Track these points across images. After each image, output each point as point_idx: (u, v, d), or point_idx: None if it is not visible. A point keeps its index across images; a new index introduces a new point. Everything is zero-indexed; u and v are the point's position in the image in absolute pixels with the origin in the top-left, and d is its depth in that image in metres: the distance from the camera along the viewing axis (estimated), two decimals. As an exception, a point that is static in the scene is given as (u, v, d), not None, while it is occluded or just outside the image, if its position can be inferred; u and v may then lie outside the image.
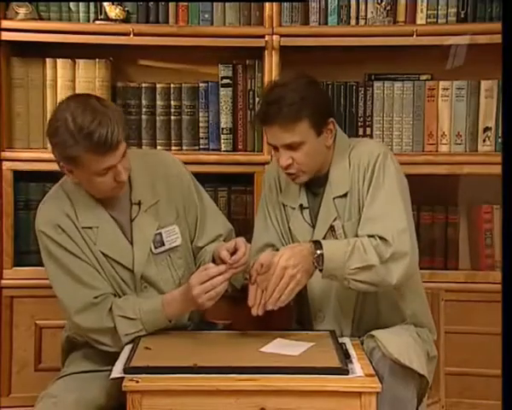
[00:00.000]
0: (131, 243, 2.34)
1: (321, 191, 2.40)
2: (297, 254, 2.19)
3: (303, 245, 2.24)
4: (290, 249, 2.22)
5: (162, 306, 2.25)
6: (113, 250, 2.32)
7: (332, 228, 2.36)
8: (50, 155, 2.85)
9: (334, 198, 2.36)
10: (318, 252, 2.19)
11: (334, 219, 2.35)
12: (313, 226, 2.39)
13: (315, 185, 2.41)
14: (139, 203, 2.36)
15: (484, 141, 2.94)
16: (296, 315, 2.49)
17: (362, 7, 2.91)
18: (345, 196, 2.35)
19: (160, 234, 2.37)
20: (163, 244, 2.38)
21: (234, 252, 2.24)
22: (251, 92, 2.94)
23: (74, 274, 2.28)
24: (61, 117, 2.19)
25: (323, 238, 2.33)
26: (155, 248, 2.36)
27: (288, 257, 2.17)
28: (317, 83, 2.43)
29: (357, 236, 2.28)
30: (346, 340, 2.26)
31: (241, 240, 2.26)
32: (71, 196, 2.33)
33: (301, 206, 2.42)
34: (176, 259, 2.40)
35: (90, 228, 2.31)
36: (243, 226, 2.90)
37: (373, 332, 2.23)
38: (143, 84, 2.95)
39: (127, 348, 2.19)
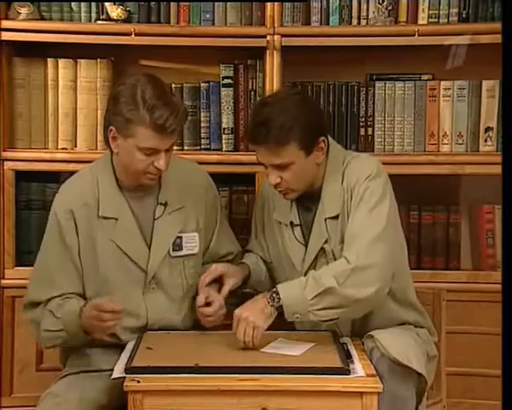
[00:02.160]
0: (150, 242, 2.35)
1: (314, 208, 2.39)
2: (251, 306, 2.22)
3: (258, 296, 2.26)
4: (247, 304, 2.24)
5: (80, 310, 2.24)
6: (127, 245, 2.33)
7: (323, 250, 2.36)
8: (51, 155, 2.90)
9: (325, 219, 2.35)
10: (274, 295, 2.20)
11: (325, 242, 2.35)
12: (305, 245, 2.39)
13: (308, 201, 2.40)
14: (165, 204, 2.38)
15: (485, 141, 2.93)
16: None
17: (363, 7, 2.91)
18: (336, 217, 2.34)
19: (181, 238, 2.39)
20: (181, 249, 2.39)
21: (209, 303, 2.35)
22: (252, 92, 2.94)
23: (51, 265, 2.33)
24: (130, 83, 2.25)
25: (315, 259, 2.36)
26: (173, 251, 2.37)
27: (243, 309, 2.21)
28: (309, 100, 2.45)
29: None
30: (348, 340, 2.27)
31: (216, 296, 2.35)
32: (98, 182, 2.35)
33: (292, 223, 2.42)
34: (189, 267, 2.41)
35: (109, 219, 2.33)
36: (244, 226, 2.90)
37: (372, 333, 2.24)
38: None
39: (128, 349, 2.19)
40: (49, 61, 2.90)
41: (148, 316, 2.35)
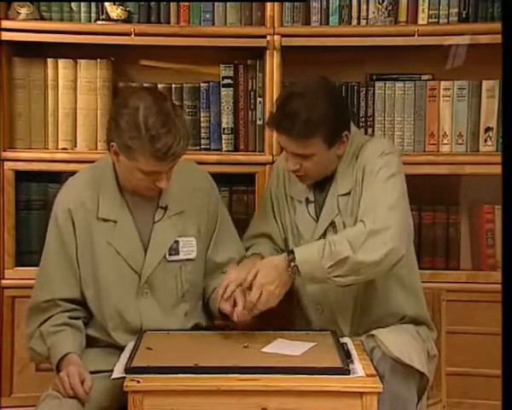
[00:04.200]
0: (147, 246, 2.34)
1: (327, 187, 2.42)
2: (272, 270, 2.22)
3: (277, 259, 2.25)
4: (265, 266, 2.24)
5: (63, 355, 2.24)
6: (124, 248, 2.32)
7: (333, 224, 2.38)
8: (51, 155, 2.90)
9: (338, 196, 2.38)
10: (292, 264, 2.21)
11: (336, 215, 2.38)
12: (317, 220, 2.42)
13: (322, 181, 2.43)
14: (166, 208, 2.36)
15: (485, 141, 2.93)
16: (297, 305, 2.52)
17: (363, 7, 2.91)
18: (348, 194, 2.37)
19: (178, 242, 2.37)
20: (178, 253, 2.37)
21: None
22: (252, 92, 2.94)
23: (49, 266, 2.35)
24: (133, 105, 2.18)
25: (324, 233, 2.37)
26: (170, 255, 2.36)
27: (264, 274, 2.21)
28: (338, 94, 2.45)
29: None
30: (348, 340, 2.27)
31: (238, 294, 2.27)
32: (99, 184, 2.35)
33: (307, 200, 2.45)
34: (186, 273, 2.39)
35: (107, 221, 2.33)
36: (244, 227, 2.89)
37: (373, 332, 2.24)
38: (144, 85, 2.95)
39: (128, 349, 2.19)
40: (49, 61, 2.90)
41: (142, 321, 2.34)
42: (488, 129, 2.93)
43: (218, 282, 2.37)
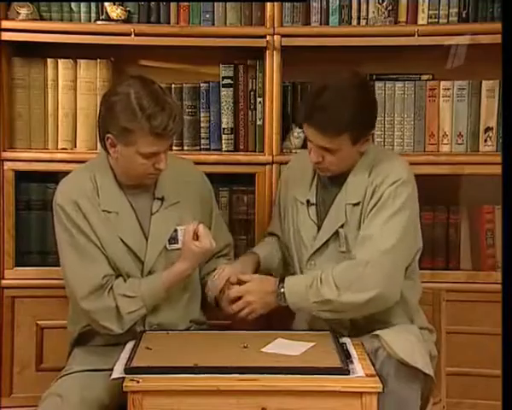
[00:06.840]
0: (147, 236, 2.38)
1: (335, 190, 2.41)
2: (261, 286, 2.34)
3: (270, 281, 2.35)
4: (257, 287, 2.35)
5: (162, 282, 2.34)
6: (128, 238, 2.36)
7: (337, 233, 2.37)
8: (51, 156, 2.90)
9: (346, 204, 2.37)
10: (281, 290, 2.29)
11: (342, 226, 2.36)
12: (318, 226, 2.41)
13: (330, 182, 2.43)
14: (162, 199, 2.41)
15: (485, 141, 2.93)
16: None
17: (363, 7, 2.91)
18: (357, 205, 2.36)
19: (176, 231, 2.41)
20: (177, 242, 2.41)
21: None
22: (252, 92, 2.94)
23: (84, 254, 2.32)
24: (123, 91, 2.27)
25: (327, 241, 2.37)
26: (170, 244, 2.40)
27: (254, 284, 2.34)
28: (370, 92, 2.45)
29: None
30: (347, 340, 2.27)
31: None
32: (96, 179, 2.38)
33: (308, 201, 2.44)
34: None
35: (110, 212, 2.35)
36: (244, 227, 2.90)
37: (377, 332, 2.24)
38: (144, 85, 2.95)
39: (128, 349, 2.19)
40: (49, 61, 2.90)
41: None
42: (488, 129, 2.93)
43: (210, 266, 2.51)
